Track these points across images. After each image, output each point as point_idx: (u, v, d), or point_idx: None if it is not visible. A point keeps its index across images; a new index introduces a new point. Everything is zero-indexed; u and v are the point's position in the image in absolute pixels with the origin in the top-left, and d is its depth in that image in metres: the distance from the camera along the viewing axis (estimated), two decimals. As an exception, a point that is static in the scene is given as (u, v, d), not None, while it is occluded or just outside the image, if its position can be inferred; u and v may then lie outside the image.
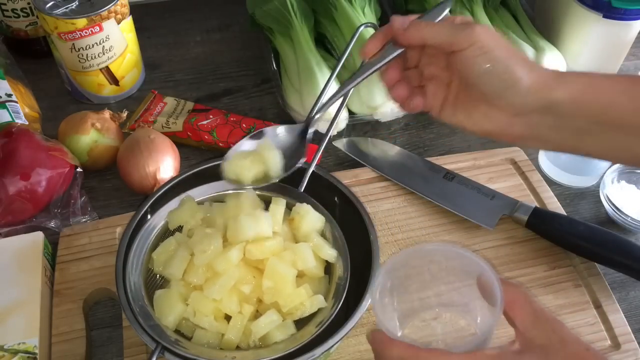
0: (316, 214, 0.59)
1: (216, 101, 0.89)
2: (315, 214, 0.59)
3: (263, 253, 0.55)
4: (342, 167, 0.80)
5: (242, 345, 0.54)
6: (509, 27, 0.88)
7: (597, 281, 0.66)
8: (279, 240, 0.56)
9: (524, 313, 0.42)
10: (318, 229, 0.59)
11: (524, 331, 0.41)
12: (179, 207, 0.60)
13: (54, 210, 0.71)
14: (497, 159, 0.78)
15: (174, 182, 0.63)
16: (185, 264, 0.56)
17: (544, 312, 0.42)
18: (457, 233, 0.71)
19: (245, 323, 0.54)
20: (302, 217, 0.58)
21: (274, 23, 0.87)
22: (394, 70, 0.55)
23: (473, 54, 0.49)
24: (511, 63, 0.49)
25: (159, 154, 0.72)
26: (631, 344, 0.62)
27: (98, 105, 0.85)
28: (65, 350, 0.59)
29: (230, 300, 0.54)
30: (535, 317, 0.41)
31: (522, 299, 0.42)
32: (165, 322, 0.54)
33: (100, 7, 0.78)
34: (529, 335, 0.41)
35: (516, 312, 0.42)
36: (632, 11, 0.80)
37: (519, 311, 0.42)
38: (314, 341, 0.52)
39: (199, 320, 0.54)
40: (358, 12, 0.85)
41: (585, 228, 0.67)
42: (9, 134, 0.71)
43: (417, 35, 0.51)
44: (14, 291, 0.61)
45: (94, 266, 0.65)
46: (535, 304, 0.42)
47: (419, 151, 0.82)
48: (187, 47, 0.98)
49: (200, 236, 0.56)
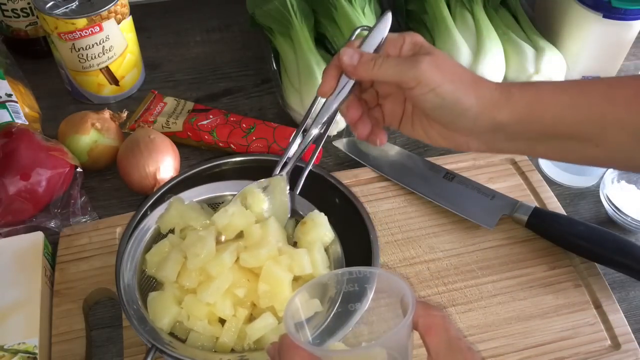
0: (328, 227, 0.59)
1: (216, 101, 0.89)
2: (328, 227, 0.59)
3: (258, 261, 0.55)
4: (342, 167, 0.80)
5: (236, 348, 0.54)
6: (509, 27, 0.88)
7: (597, 281, 0.66)
8: (272, 248, 0.56)
9: (439, 339, 0.41)
10: (324, 242, 0.59)
11: (436, 357, 0.40)
12: (167, 210, 0.60)
13: (54, 210, 0.71)
14: (497, 159, 0.78)
15: (174, 182, 0.63)
16: (179, 266, 0.55)
17: (459, 341, 0.41)
18: (457, 233, 0.71)
19: (240, 326, 0.54)
20: (314, 225, 0.58)
21: (274, 23, 0.87)
22: (354, 108, 0.56)
23: (420, 92, 0.51)
24: (458, 95, 0.51)
25: (159, 154, 0.72)
26: (631, 344, 0.62)
27: (98, 105, 0.85)
28: (65, 350, 0.59)
29: (224, 304, 0.54)
30: (449, 345, 0.41)
31: (439, 324, 0.41)
32: (160, 324, 0.54)
33: (100, 7, 0.78)
34: None
35: (432, 338, 0.41)
36: (632, 11, 0.80)
37: (435, 337, 0.41)
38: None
39: (192, 324, 0.54)
40: (358, 12, 0.85)
41: (585, 228, 0.67)
42: (9, 134, 0.71)
43: (366, 75, 0.53)
44: (14, 291, 0.61)
45: (93, 266, 0.65)
46: (452, 332, 0.41)
47: (419, 151, 0.82)
48: (187, 47, 0.98)
49: (193, 239, 0.56)
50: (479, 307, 0.64)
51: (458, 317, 0.63)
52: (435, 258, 0.68)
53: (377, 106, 0.58)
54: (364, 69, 0.52)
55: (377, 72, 0.52)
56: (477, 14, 0.87)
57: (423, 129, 0.56)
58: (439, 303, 0.64)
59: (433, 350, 0.40)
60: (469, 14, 0.87)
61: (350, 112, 0.56)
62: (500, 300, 0.65)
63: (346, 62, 0.53)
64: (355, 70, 0.53)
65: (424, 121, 0.55)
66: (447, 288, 0.66)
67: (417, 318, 0.41)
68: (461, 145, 0.55)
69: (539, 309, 0.64)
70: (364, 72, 0.52)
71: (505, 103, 0.51)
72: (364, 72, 0.52)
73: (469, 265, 0.68)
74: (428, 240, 0.70)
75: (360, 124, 0.57)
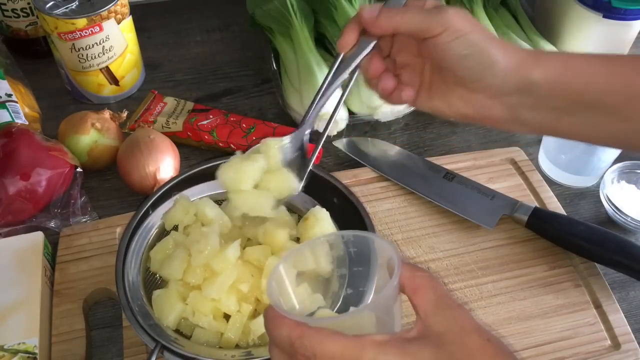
0: (331, 224, 0.59)
1: (216, 101, 0.89)
2: (330, 223, 0.59)
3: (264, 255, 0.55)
4: (342, 167, 0.80)
5: (241, 343, 0.54)
6: (509, 27, 0.88)
7: (597, 281, 0.66)
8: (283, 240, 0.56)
9: (427, 299, 0.39)
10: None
11: (425, 317, 0.39)
12: (173, 207, 0.60)
13: (54, 210, 0.71)
14: (497, 159, 0.78)
15: (174, 182, 0.63)
16: (185, 264, 0.56)
17: (447, 299, 0.40)
18: (457, 233, 0.71)
19: (245, 321, 0.54)
20: (316, 221, 0.58)
21: (274, 23, 0.87)
22: (377, 60, 0.54)
23: (447, 39, 0.48)
24: (487, 45, 0.48)
25: (159, 154, 0.72)
26: (631, 344, 0.62)
27: (98, 105, 0.85)
28: (65, 350, 0.59)
29: (229, 300, 0.54)
30: (437, 304, 0.39)
31: (426, 284, 0.40)
32: (166, 322, 0.54)
33: (100, 7, 0.78)
34: (429, 322, 0.39)
35: (419, 298, 0.39)
36: (632, 11, 0.80)
37: (422, 297, 0.39)
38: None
39: (198, 320, 0.54)
40: (358, 12, 0.85)
41: (585, 228, 0.67)
42: (9, 134, 0.71)
43: (388, 25, 0.50)
44: (14, 291, 0.61)
45: (93, 266, 0.65)
46: (440, 290, 0.40)
47: (419, 151, 0.82)
48: (187, 47, 0.98)
49: (197, 235, 0.56)
50: (479, 307, 0.64)
51: (458, 317, 0.63)
52: (435, 258, 0.68)
53: (395, 77, 0.55)
54: (386, 17, 0.49)
55: (400, 20, 0.49)
56: (477, 14, 0.87)
57: (442, 97, 0.53)
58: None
59: (422, 310, 0.39)
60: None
61: (374, 65, 0.53)
62: (500, 300, 0.65)
63: (366, 15, 0.50)
64: (376, 21, 0.50)
65: (443, 87, 0.52)
66: (447, 288, 0.66)
67: (404, 280, 0.40)
68: (483, 111, 0.51)
69: (539, 309, 0.64)
70: (386, 22, 0.49)
71: (534, 63, 0.49)
72: (386, 22, 0.49)
73: (469, 265, 0.68)
74: (428, 240, 0.70)
75: (385, 77, 0.54)
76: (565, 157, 0.77)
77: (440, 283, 0.41)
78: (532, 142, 0.83)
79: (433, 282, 0.40)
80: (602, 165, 0.76)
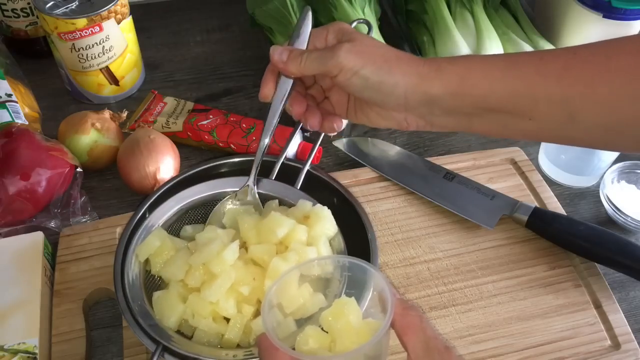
0: (332, 221, 0.59)
1: (216, 101, 0.89)
2: (332, 221, 0.59)
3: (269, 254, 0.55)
4: (342, 167, 0.79)
5: (242, 343, 0.54)
6: (509, 27, 0.88)
7: (597, 281, 0.66)
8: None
9: (416, 339, 0.41)
10: (329, 236, 0.59)
11: (415, 358, 0.41)
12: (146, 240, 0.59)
13: (54, 210, 0.71)
14: (497, 159, 0.78)
15: (173, 182, 0.63)
16: (187, 265, 0.56)
17: (436, 341, 0.41)
18: (457, 233, 0.71)
19: (245, 323, 0.54)
20: (318, 219, 0.58)
21: (274, 23, 0.87)
22: (297, 103, 0.58)
23: (344, 78, 0.52)
24: (382, 74, 0.52)
25: (159, 154, 0.72)
26: (631, 344, 0.62)
27: (98, 105, 0.85)
28: (65, 350, 0.59)
29: (227, 303, 0.54)
30: (427, 346, 0.41)
31: (416, 324, 0.41)
32: (167, 323, 0.54)
33: (100, 7, 0.78)
34: None
35: (409, 338, 0.41)
36: (632, 11, 0.80)
37: (412, 337, 0.41)
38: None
39: (197, 323, 0.54)
40: (358, 12, 0.85)
41: (585, 228, 0.67)
42: (9, 134, 0.71)
43: (296, 71, 0.54)
44: (14, 291, 0.61)
45: (93, 266, 0.65)
46: (429, 332, 0.41)
47: (419, 151, 0.82)
48: (187, 47, 0.98)
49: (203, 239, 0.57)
50: (479, 307, 0.64)
51: (458, 317, 0.63)
52: (435, 258, 0.68)
53: (325, 99, 0.59)
54: (293, 65, 0.54)
55: (303, 66, 0.54)
56: (477, 14, 0.87)
57: (364, 114, 0.57)
58: (439, 303, 0.64)
59: (412, 350, 0.41)
60: (469, 14, 0.87)
61: (295, 108, 0.58)
62: (500, 300, 0.65)
63: (276, 59, 0.55)
64: (286, 67, 0.54)
65: (363, 106, 0.56)
66: (447, 288, 0.66)
67: (395, 316, 0.41)
68: (401, 123, 0.56)
69: (539, 309, 0.64)
70: (294, 68, 0.54)
71: (435, 76, 0.51)
72: (294, 68, 0.54)
73: (469, 265, 0.68)
74: (428, 240, 0.70)
75: (309, 115, 0.58)
76: (565, 157, 0.77)
77: (429, 324, 0.42)
78: (532, 142, 0.83)
79: (423, 323, 0.42)
80: (602, 165, 0.76)
